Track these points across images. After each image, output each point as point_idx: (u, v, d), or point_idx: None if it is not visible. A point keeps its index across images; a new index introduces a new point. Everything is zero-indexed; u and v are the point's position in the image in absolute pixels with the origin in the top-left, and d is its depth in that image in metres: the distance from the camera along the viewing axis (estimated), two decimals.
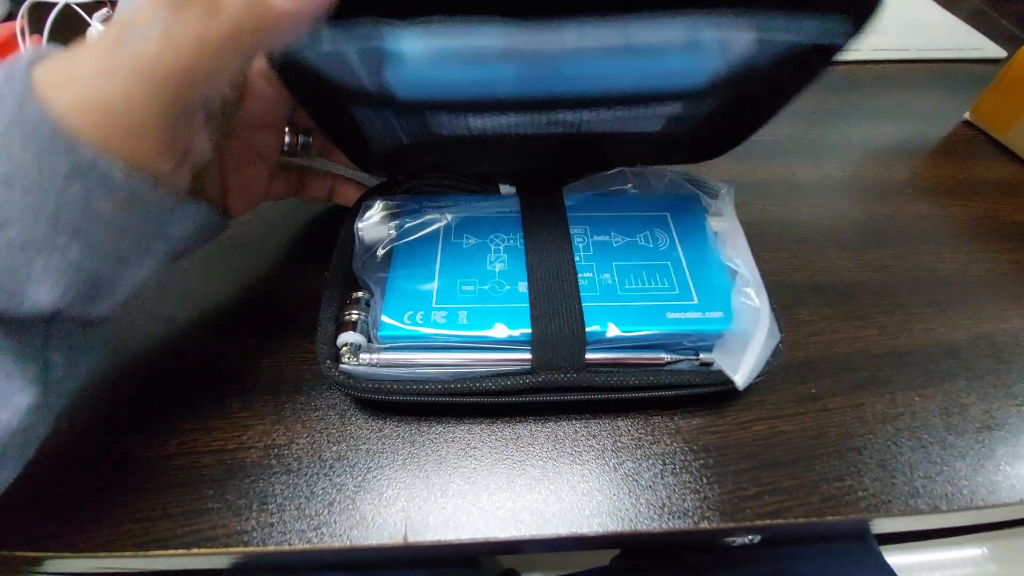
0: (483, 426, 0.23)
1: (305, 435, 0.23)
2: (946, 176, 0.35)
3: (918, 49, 0.46)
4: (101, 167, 0.14)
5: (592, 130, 0.23)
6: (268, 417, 0.23)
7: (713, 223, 0.26)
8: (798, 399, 0.24)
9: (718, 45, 0.17)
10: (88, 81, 0.13)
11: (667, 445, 0.22)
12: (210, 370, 0.24)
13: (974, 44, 0.47)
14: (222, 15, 0.13)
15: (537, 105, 0.20)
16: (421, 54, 0.16)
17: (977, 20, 0.51)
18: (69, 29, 0.40)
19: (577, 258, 0.24)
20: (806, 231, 0.31)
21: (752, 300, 0.21)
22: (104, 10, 0.44)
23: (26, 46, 0.42)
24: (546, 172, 0.29)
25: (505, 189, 0.29)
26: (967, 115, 0.39)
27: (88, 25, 0.44)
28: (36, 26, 0.42)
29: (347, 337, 0.22)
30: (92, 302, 0.16)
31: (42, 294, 0.15)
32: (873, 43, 0.46)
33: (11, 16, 0.49)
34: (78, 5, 0.42)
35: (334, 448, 0.22)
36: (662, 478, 0.22)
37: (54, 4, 0.41)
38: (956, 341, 0.26)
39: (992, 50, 0.47)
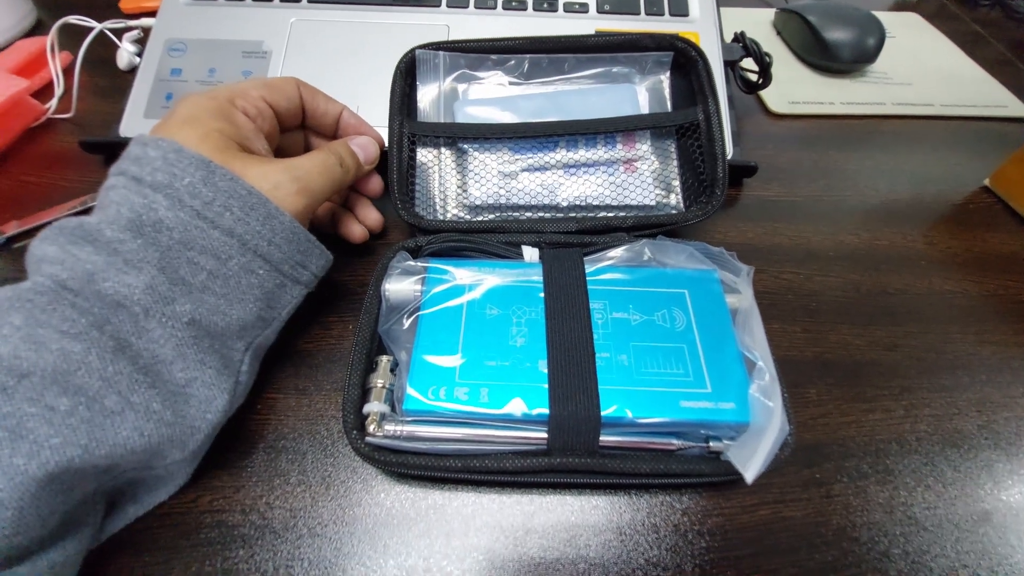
0: (495, 495, 0.24)
1: (328, 498, 0.24)
2: (961, 248, 0.35)
3: (942, 105, 0.46)
4: (280, 218, 0.23)
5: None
6: (293, 478, 0.24)
7: (731, 300, 0.27)
8: (803, 484, 0.25)
9: None
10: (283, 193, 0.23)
11: (673, 525, 0.23)
12: (236, 424, 0.25)
13: (999, 100, 0.47)
14: (351, 173, 0.28)
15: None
16: None
17: (1002, 70, 0.51)
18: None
19: (596, 335, 0.25)
20: (819, 303, 0.31)
21: (767, 398, 0.22)
22: (135, 32, 0.45)
23: (55, 61, 0.43)
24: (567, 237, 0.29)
25: (528, 252, 0.29)
26: (987, 181, 0.39)
27: (117, 47, 0.44)
28: (63, 43, 0.43)
29: (373, 407, 0.23)
30: (266, 324, 0.23)
31: (244, 309, 0.22)
32: (899, 96, 0.46)
33: (37, 25, 0.50)
34: (109, 30, 0.42)
35: (356, 511, 0.23)
36: (668, 558, 0.23)
37: (86, 27, 0.42)
38: (961, 430, 0.27)
39: (1017, 107, 0.46)
